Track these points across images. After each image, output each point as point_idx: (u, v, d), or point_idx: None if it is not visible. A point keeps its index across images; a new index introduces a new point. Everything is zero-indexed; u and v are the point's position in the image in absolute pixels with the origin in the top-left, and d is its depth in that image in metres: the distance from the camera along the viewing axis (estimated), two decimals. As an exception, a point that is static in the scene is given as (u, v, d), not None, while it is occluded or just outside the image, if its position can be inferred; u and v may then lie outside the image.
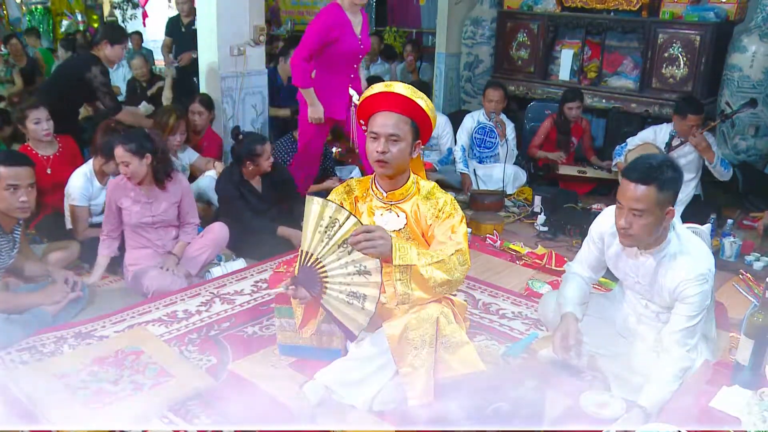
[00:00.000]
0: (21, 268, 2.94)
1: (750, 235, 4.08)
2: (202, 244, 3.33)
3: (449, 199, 2.31)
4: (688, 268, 2.15)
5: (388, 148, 2.17)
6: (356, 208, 2.35)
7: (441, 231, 2.25)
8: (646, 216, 2.08)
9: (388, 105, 2.19)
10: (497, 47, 6.18)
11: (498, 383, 2.10)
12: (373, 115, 2.22)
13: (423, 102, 2.19)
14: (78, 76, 3.95)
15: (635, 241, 2.18)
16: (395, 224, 2.29)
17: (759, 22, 4.85)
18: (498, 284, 3.37)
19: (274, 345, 2.65)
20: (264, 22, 4.88)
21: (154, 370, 2.44)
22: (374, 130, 2.20)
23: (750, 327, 2.00)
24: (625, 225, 2.12)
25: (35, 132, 3.59)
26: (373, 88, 2.23)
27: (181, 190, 3.31)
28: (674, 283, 2.17)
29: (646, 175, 2.06)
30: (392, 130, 2.17)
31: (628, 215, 2.10)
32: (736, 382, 2.04)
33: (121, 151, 3.06)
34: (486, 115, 5.05)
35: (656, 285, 2.26)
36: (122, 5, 9.90)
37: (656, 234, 2.15)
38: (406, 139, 2.19)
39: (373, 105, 2.22)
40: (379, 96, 2.20)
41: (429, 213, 2.27)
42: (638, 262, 2.28)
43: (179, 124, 3.99)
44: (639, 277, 2.30)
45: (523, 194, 4.87)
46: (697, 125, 4.07)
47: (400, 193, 2.30)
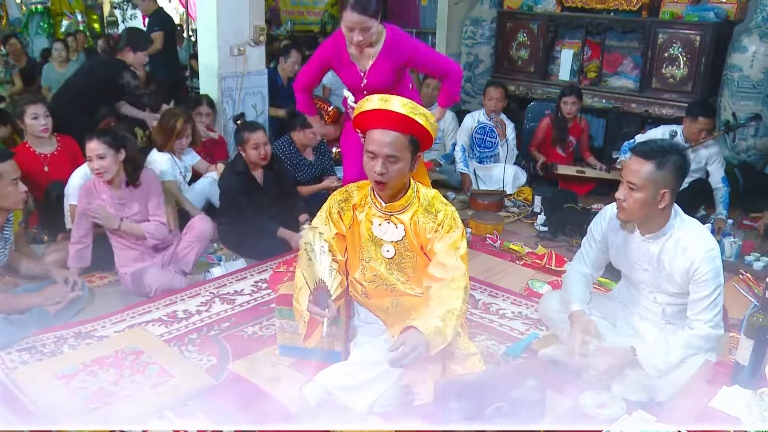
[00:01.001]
0: (16, 266, 2.94)
1: (750, 235, 4.08)
2: (188, 241, 3.31)
3: (449, 212, 2.25)
4: (696, 247, 2.21)
5: (387, 168, 2.10)
6: (354, 216, 2.31)
7: (442, 249, 2.20)
8: (640, 191, 2.17)
9: (385, 123, 2.08)
10: (497, 47, 6.18)
11: (498, 383, 2.10)
12: (370, 130, 2.13)
13: (423, 119, 2.09)
14: (108, 79, 4.10)
15: (628, 216, 2.26)
16: (393, 235, 2.26)
17: (759, 22, 4.85)
18: (498, 284, 3.37)
19: (274, 345, 2.64)
20: (264, 22, 4.88)
21: (154, 370, 2.44)
22: (371, 150, 2.11)
23: (750, 327, 2.00)
24: (621, 197, 2.23)
25: (33, 127, 3.60)
26: (370, 102, 2.12)
27: (149, 190, 3.26)
28: (686, 263, 2.22)
29: (649, 152, 2.17)
30: (390, 150, 2.08)
31: (626, 188, 2.21)
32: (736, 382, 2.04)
33: (96, 143, 3.04)
34: (486, 115, 5.05)
35: (665, 271, 2.29)
36: (122, 5, 9.90)
37: (649, 213, 2.22)
38: (404, 158, 2.12)
39: (370, 120, 2.12)
40: (376, 112, 2.09)
41: (428, 226, 2.23)
42: (643, 249, 2.32)
43: (185, 127, 3.97)
44: (646, 264, 2.34)
45: (523, 194, 4.87)
46: (707, 129, 4.06)
47: (400, 204, 2.25)
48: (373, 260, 2.32)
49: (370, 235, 2.30)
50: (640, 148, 2.21)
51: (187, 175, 4.13)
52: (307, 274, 2.22)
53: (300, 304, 2.26)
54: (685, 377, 2.19)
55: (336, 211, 2.32)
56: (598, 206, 4.46)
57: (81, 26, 9.45)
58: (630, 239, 2.37)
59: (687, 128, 4.12)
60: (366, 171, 2.18)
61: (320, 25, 9.65)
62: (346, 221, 2.32)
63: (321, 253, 2.22)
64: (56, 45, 6.58)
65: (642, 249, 2.33)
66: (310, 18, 9.85)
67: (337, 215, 2.32)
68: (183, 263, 3.29)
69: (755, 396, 1.95)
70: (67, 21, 9.10)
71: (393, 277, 2.32)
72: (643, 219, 2.26)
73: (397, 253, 2.29)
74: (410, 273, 2.32)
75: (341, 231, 2.33)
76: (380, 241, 2.29)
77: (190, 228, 3.36)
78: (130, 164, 3.17)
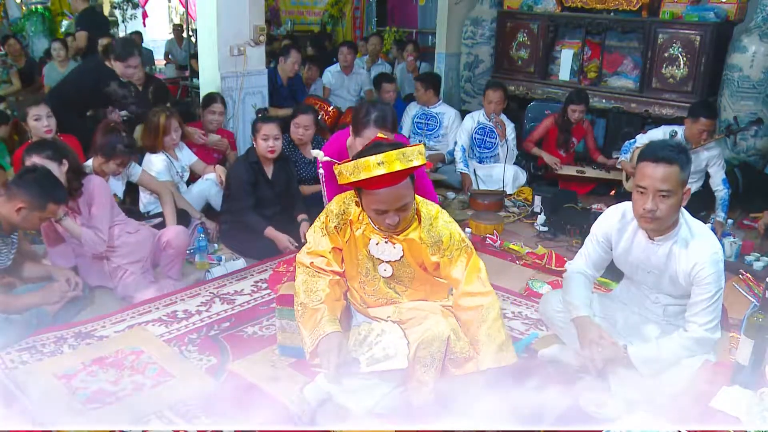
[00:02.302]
0: (20, 269, 2.94)
1: (750, 235, 4.08)
2: (169, 258, 3.24)
3: (456, 236, 2.21)
4: (701, 250, 2.21)
5: (399, 216, 2.09)
6: (351, 231, 2.26)
7: (462, 276, 2.20)
8: (672, 196, 2.13)
9: (389, 181, 2.01)
10: (497, 47, 6.18)
11: (498, 383, 2.10)
12: (374, 190, 2.03)
13: (418, 159, 2.01)
14: (93, 86, 4.11)
15: (660, 224, 2.20)
16: (391, 255, 2.23)
17: (759, 22, 4.85)
18: (498, 284, 3.35)
19: (274, 345, 2.64)
20: (264, 22, 4.88)
21: (154, 370, 2.44)
22: (383, 208, 2.06)
23: (750, 327, 2.00)
24: (652, 208, 2.14)
25: (36, 129, 3.62)
26: (369, 168, 1.96)
27: (91, 198, 3.08)
28: (689, 265, 2.22)
29: (670, 155, 2.12)
30: (401, 203, 2.06)
31: (655, 198, 2.13)
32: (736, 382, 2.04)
33: (37, 158, 2.92)
34: (486, 116, 5.05)
35: (669, 272, 2.29)
36: (122, 5, 9.89)
37: (675, 216, 2.21)
38: (411, 198, 2.11)
39: (371, 181, 2.01)
40: (379, 177, 1.98)
41: (431, 250, 2.20)
42: (650, 251, 2.31)
43: (170, 122, 3.94)
44: (651, 267, 2.33)
45: (523, 194, 4.87)
46: (709, 131, 4.05)
47: (401, 227, 2.19)
48: (371, 275, 2.30)
49: (367, 253, 2.26)
50: (657, 155, 2.13)
51: (184, 175, 4.12)
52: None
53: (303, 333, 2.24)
54: (679, 378, 2.20)
55: (333, 225, 2.27)
56: (598, 206, 4.47)
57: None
58: (636, 241, 2.35)
59: (688, 129, 4.11)
60: (376, 223, 2.16)
61: (320, 25, 9.65)
62: (343, 237, 2.28)
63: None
64: (54, 45, 6.57)
65: (648, 251, 2.32)
66: (310, 18, 9.85)
67: (333, 229, 2.27)
68: (171, 272, 3.28)
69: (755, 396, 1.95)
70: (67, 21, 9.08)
71: (392, 291, 2.31)
72: (670, 222, 2.23)
73: (395, 271, 2.27)
74: (408, 285, 2.31)
75: (338, 245, 2.30)
76: (378, 260, 2.26)
77: (167, 244, 3.22)
78: (71, 173, 3.04)
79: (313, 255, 2.30)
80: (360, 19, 9.63)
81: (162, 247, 3.24)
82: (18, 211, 2.66)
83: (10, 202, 2.67)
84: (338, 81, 6.19)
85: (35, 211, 2.69)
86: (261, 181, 3.69)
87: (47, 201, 2.71)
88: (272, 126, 3.63)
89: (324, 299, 2.20)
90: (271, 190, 3.72)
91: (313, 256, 2.30)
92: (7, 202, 2.68)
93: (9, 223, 2.72)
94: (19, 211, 2.66)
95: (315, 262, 2.29)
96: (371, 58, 7.02)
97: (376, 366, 2.11)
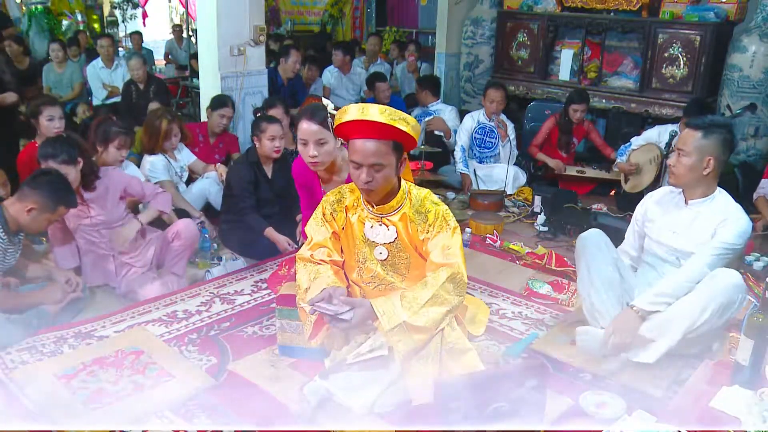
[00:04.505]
0: (23, 269, 2.95)
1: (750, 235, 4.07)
2: (178, 249, 3.24)
3: (440, 212, 2.22)
4: (733, 215, 2.46)
5: (372, 176, 2.09)
6: (347, 218, 2.32)
7: (435, 250, 2.19)
8: (688, 156, 2.47)
9: (366, 132, 2.06)
10: (497, 47, 6.18)
11: (498, 383, 2.10)
12: (352, 140, 2.11)
13: (403, 124, 2.06)
14: None
15: (677, 179, 2.54)
16: (386, 237, 2.27)
17: (759, 22, 4.86)
18: (498, 284, 3.36)
19: (274, 345, 2.64)
20: (264, 22, 4.88)
21: (154, 370, 2.44)
22: (356, 160, 2.09)
23: (750, 327, 2.01)
24: (672, 163, 2.53)
25: (47, 128, 3.63)
26: (348, 112, 2.08)
27: (110, 185, 3.12)
28: (717, 220, 2.46)
29: (698, 124, 2.49)
30: (373, 159, 2.07)
31: (676, 154, 2.51)
32: (736, 382, 2.05)
33: (55, 164, 2.91)
34: (486, 116, 5.05)
35: (694, 230, 2.51)
36: (122, 5, 9.91)
37: (695, 178, 2.49)
38: (389, 163, 2.11)
39: (350, 129, 2.09)
40: (356, 122, 2.06)
41: (419, 227, 2.23)
42: (682, 213, 2.57)
43: (171, 127, 3.94)
44: (677, 227, 2.57)
45: (523, 194, 4.87)
46: None
47: (390, 206, 2.24)
48: (368, 261, 2.32)
49: (363, 237, 2.30)
50: (692, 120, 2.55)
51: (183, 174, 4.12)
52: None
53: (305, 303, 2.25)
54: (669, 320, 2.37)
55: (329, 212, 2.34)
56: (598, 206, 4.47)
57: (81, 26, 9.45)
58: (671, 206, 2.63)
59: (684, 128, 4.11)
60: (353, 180, 2.18)
61: (320, 25, 9.66)
62: (339, 222, 2.34)
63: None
64: (53, 45, 6.57)
65: (681, 213, 2.57)
66: (310, 18, 9.86)
67: (330, 216, 2.34)
68: (175, 269, 3.28)
69: (755, 396, 1.95)
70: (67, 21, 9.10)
71: (390, 277, 2.33)
72: (690, 183, 2.52)
73: (390, 255, 2.29)
74: (405, 273, 2.33)
75: (336, 230, 2.35)
76: (373, 243, 2.29)
77: (177, 236, 3.23)
78: (86, 167, 3.06)
79: (313, 248, 2.34)
80: (360, 19, 9.64)
81: (170, 239, 3.26)
82: (29, 211, 2.68)
83: (21, 203, 2.69)
84: (338, 81, 6.22)
85: (45, 213, 2.72)
86: (261, 181, 3.69)
87: (58, 204, 2.75)
88: (278, 126, 3.65)
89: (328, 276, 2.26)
90: (271, 190, 3.73)
91: (313, 249, 2.34)
92: (17, 202, 2.70)
93: (16, 223, 2.73)
94: (29, 212, 2.69)
95: (316, 255, 2.33)
96: (369, 58, 7.03)
97: (360, 357, 2.15)
